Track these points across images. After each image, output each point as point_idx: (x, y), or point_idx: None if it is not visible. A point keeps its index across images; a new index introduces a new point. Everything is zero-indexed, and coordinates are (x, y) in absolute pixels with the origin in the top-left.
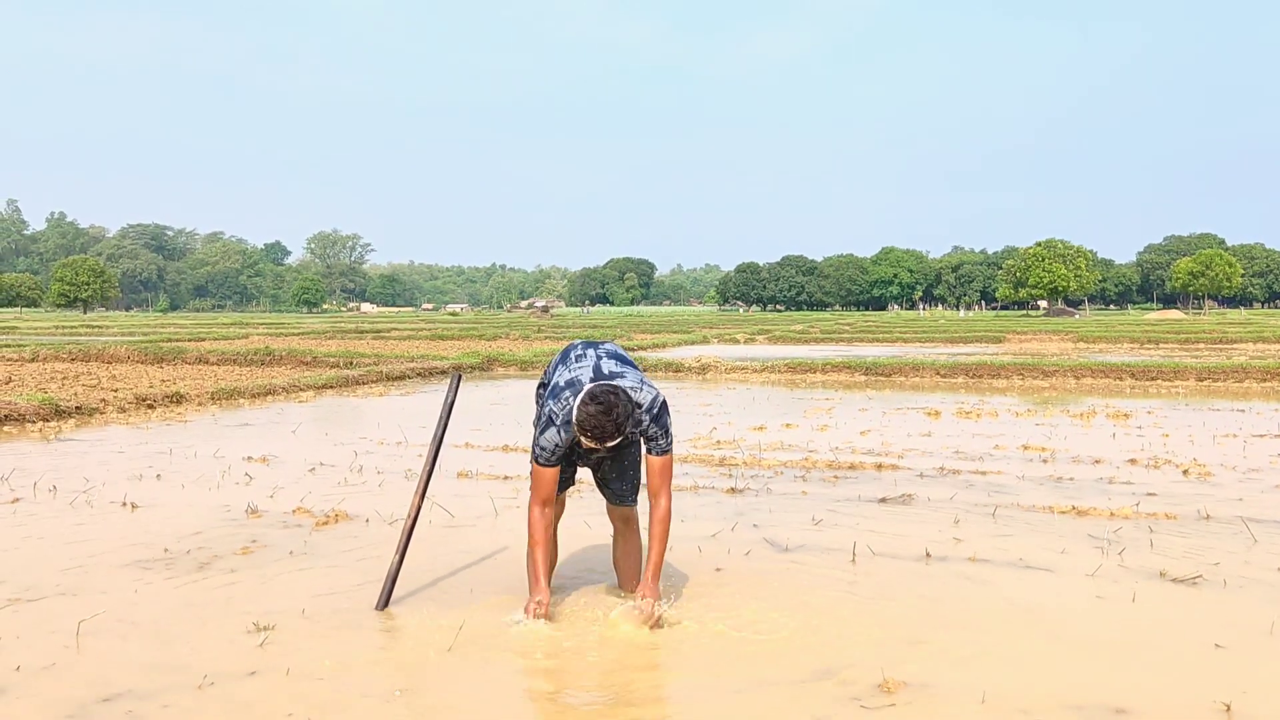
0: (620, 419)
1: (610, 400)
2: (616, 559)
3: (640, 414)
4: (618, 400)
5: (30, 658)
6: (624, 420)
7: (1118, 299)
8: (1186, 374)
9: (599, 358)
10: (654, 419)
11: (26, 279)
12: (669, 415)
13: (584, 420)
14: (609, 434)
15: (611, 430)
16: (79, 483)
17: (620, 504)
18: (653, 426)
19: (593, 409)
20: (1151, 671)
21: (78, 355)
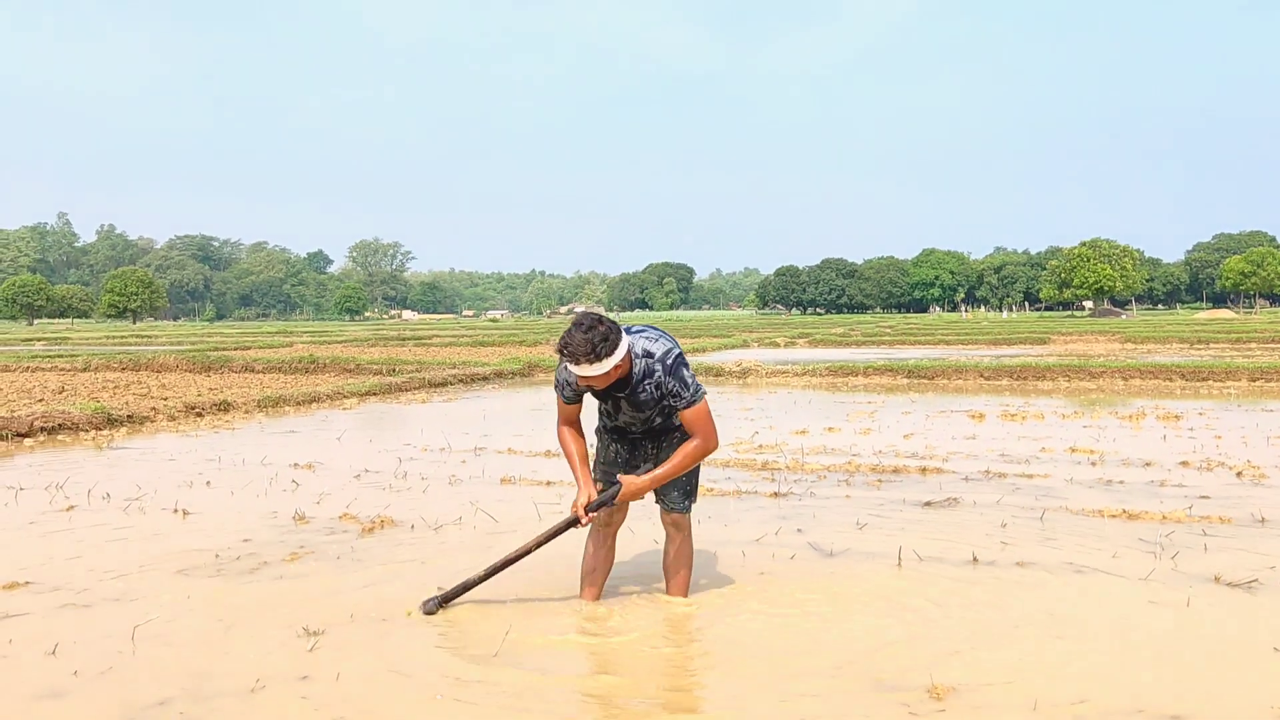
0: (596, 341)
1: (590, 323)
2: (666, 565)
3: (653, 364)
4: (599, 325)
5: (87, 662)
6: (600, 344)
7: (1166, 299)
8: (1239, 374)
9: (628, 327)
10: (669, 371)
11: (77, 290)
12: (687, 368)
13: (565, 340)
14: (583, 353)
15: (585, 350)
16: (131, 490)
17: (671, 510)
18: (670, 380)
19: (572, 330)
20: (1207, 677)
21: (128, 365)
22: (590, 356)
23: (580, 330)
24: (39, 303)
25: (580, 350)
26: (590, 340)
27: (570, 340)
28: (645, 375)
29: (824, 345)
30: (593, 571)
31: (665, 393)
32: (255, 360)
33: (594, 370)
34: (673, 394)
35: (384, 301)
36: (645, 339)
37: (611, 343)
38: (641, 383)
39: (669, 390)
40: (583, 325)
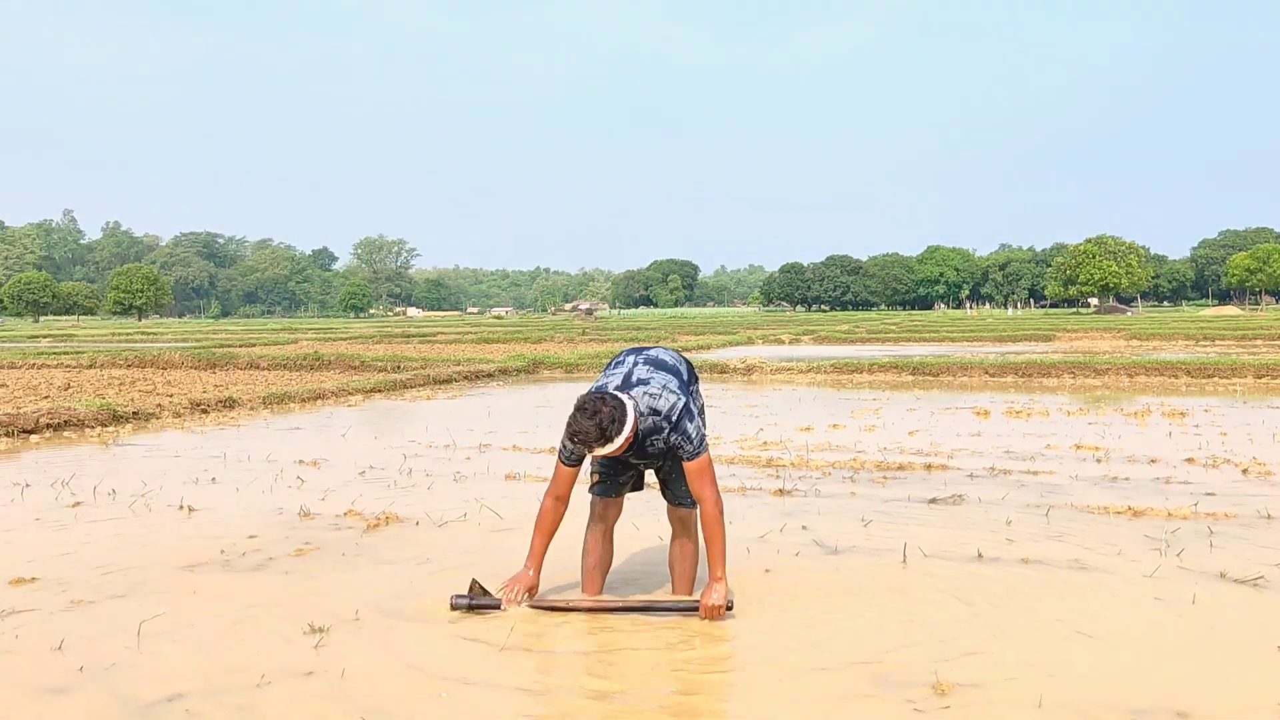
0: (605, 424)
1: (595, 407)
2: (671, 561)
3: (660, 422)
4: (603, 406)
5: (93, 658)
6: (609, 426)
7: (1171, 295)
8: (1244, 371)
9: (635, 364)
10: (673, 427)
11: (83, 287)
12: (694, 419)
13: (573, 426)
14: (594, 439)
15: (595, 435)
16: (137, 486)
17: (679, 505)
18: (674, 435)
19: (578, 416)
20: (1213, 674)
21: (133, 362)
22: (601, 440)
23: (586, 417)
24: (45, 300)
25: (592, 437)
26: (599, 425)
27: (579, 429)
28: (653, 432)
29: (829, 342)
30: (593, 568)
31: (670, 446)
32: (260, 357)
33: (608, 449)
34: (675, 446)
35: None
36: (649, 394)
37: (619, 422)
38: (649, 438)
39: (672, 444)
40: (587, 411)
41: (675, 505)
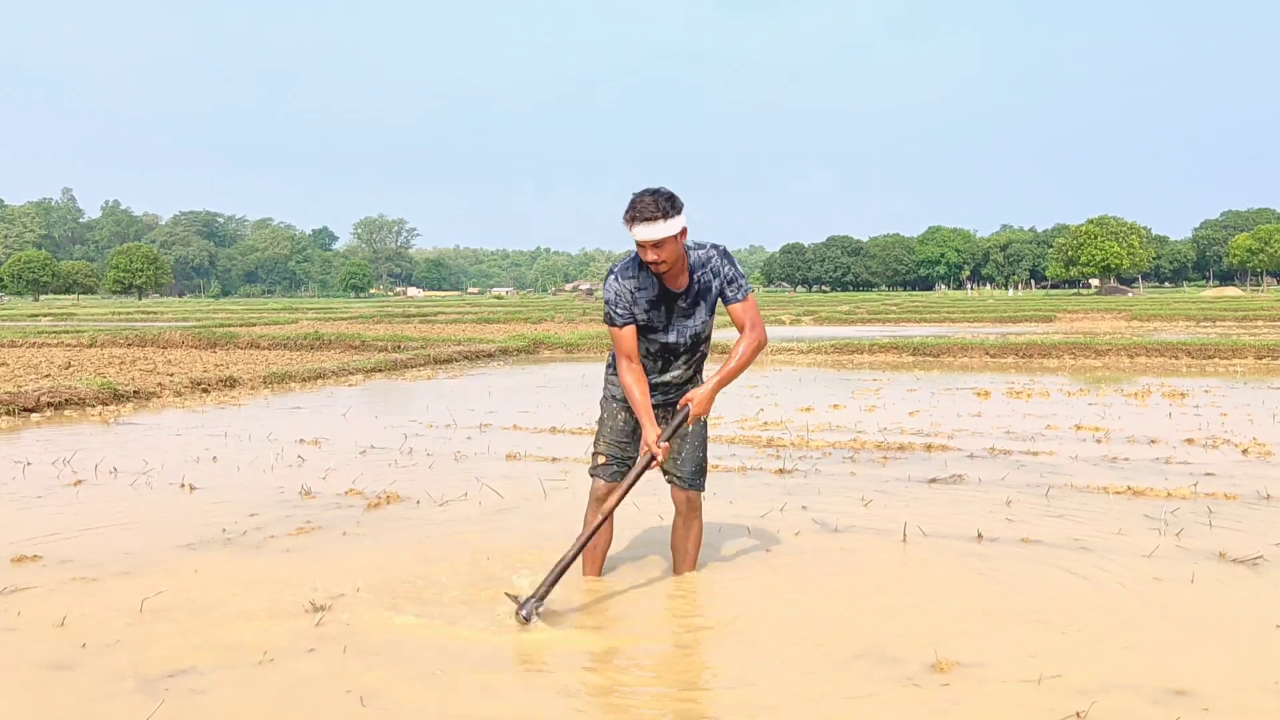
0: (663, 199)
1: (651, 188)
2: (674, 542)
3: (707, 253)
4: (660, 188)
5: (96, 635)
6: (665, 202)
7: (1173, 276)
8: (1245, 352)
9: None
10: (723, 255)
11: (83, 266)
12: (736, 262)
13: (633, 205)
14: (652, 211)
15: (653, 208)
16: (138, 465)
17: (685, 487)
18: (726, 264)
19: (633, 198)
20: (1211, 653)
21: (134, 341)
22: (659, 214)
23: (646, 194)
24: (45, 279)
25: (648, 209)
26: (657, 200)
27: (638, 203)
28: (702, 264)
29: (829, 323)
30: (593, 548)
31: (723, 280)
32: (261, 337)
33: (662, 231)
34: (730, 280)
35: (389, 278)
36: (693, 242)
37: (676, 204)
38: (696, 273)
39: (727, 277)
40: (646, 191)
41: (682, 487)
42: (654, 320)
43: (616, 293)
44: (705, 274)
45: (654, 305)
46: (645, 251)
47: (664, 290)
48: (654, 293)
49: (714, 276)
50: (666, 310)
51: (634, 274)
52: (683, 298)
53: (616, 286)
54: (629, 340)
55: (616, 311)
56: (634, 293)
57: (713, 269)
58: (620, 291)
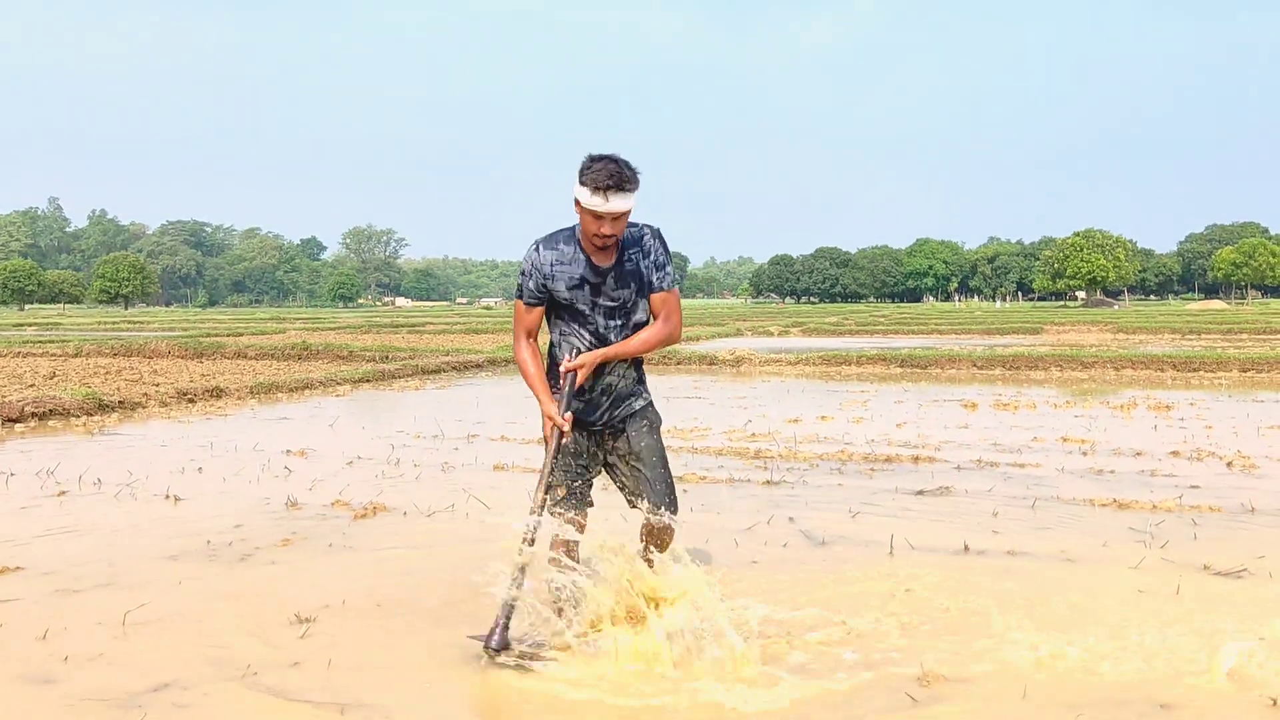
0: (624, 166)
1: (612, 155)
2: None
3: (640, 230)
4: (620, 157)
5: (78, 648)
6: (627, 169)
7: (1158, 289)
8: (1229, 365)
9: None
10: (656, 236)
11: (69, 276)
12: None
13: (593, 169)
14: (611, 179)
15: (613, 174)
16: (122, 475)
17: (656, 512)
18: (658, 247)
19: (590, 163)
20: (1196, 665)
21: (120, 350)
22: (633, 185)
23: (611, 161)
24: (30, 288)
25: (627, 179)
26: (628, 168)
27: (613, 170)
28: (634, 242)
29: (817, 334)
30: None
31: (651, 263)
32: (248, 347)
33: (622, 204)
34: (658, 265)
35: (377, 288)
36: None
37: (635, 173)
38: (627, 251)
39: (656, 261)
40: (606, 158)
41: (653, 512)
42: (577, 300)
43: (534, 264)
44: (635, 253)
45: (577, 284)
46: (603, 224)
47: (590, 266)
48: (579, 269)
49: (643, 256)
50: (592, 289)
51: (559, 246)
52: (610, 276)
53: (536, 258)
54: (532, 319)
55: (529, 287)
56: (554, 266)
57: (644, 248)
58: (539, 264)
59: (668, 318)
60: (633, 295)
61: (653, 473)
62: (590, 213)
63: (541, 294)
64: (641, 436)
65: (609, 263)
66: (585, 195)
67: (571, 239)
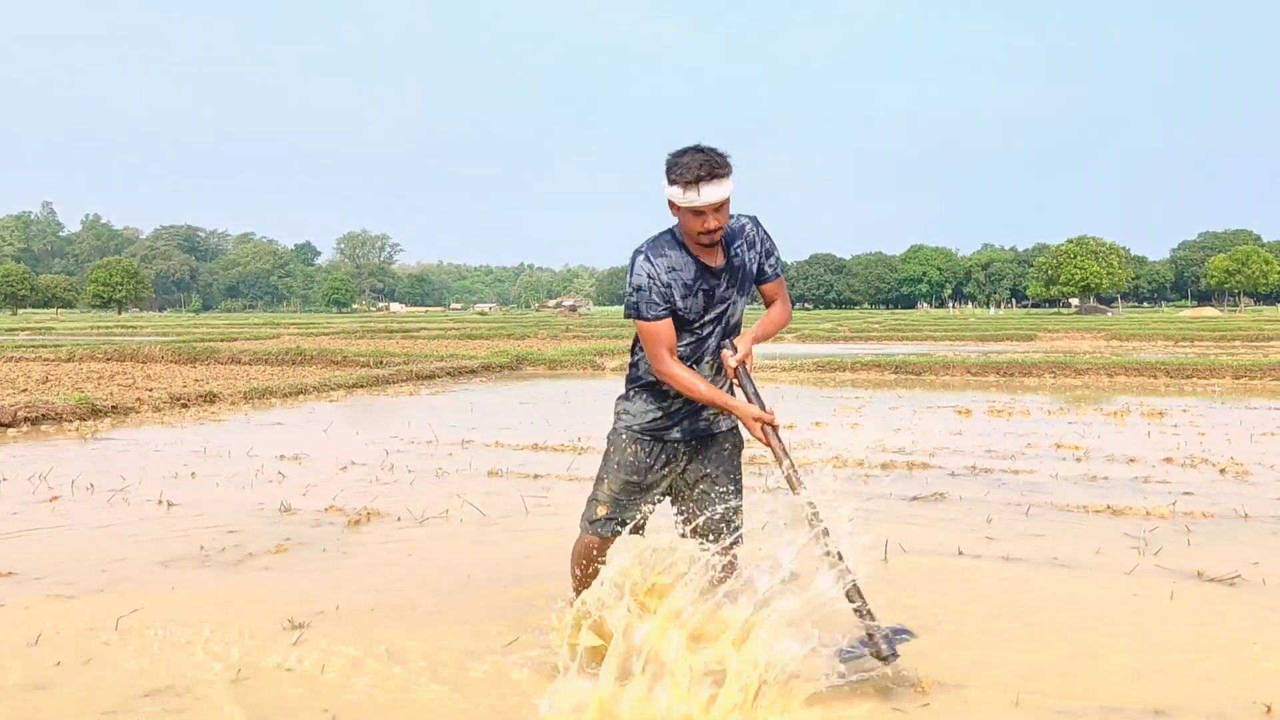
0: (713, 156)
1: (693, 146)
2: None
3: (739, 220)
4: (701, 148)
5: (70, 654)
6: (717, 158)
7: (1151, 296)
8: (1223, 372)
9: None
10: (757, 224)
11: (62, 280)
12: None
13: (682, 164)
14: (700, 171)
15: (703, 165)
16: (115, 481)
17: (718, 538)
18: (763, 235)
19: (676, 157)
20: (1190, 673)
21: (113, 355)
22: (709, 174)
23: (690, 151)
24: (23, 292)
25: (718, 164)
26: (712, 155)
27: (688, 162)
28: (737, 234)
29: (812, 340)
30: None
31: (760, 252)
32: (242, 352)
33: (719, 192)
34: (768, 253)
35: (371, 294)
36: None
37: (726, 160)
38: (732, 246)
39: (766, 248)
40: (693, 148)
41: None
42: (690, 309)
43: (650, 276)
44: (740, 246)
45: (690, 290)
46: (706, 219)
47: (701, 268)
48: (690, 273)
49: (749, 248)
50: (705, 295)
51: (666, 252)
52: (722, 276)
53: (650, 269)
54: (667, 332)
55: (651, 300)
56: (670, 274)
57: (748, 239)
58: (654, 275)
59: (785, 300)
60: (738, 294)
61: (722, 500)
62: (689, 211)
63: (669, 303)
64: (723, 460)
65: (721, 261)
66: (679, 194)
67: (675, 243)
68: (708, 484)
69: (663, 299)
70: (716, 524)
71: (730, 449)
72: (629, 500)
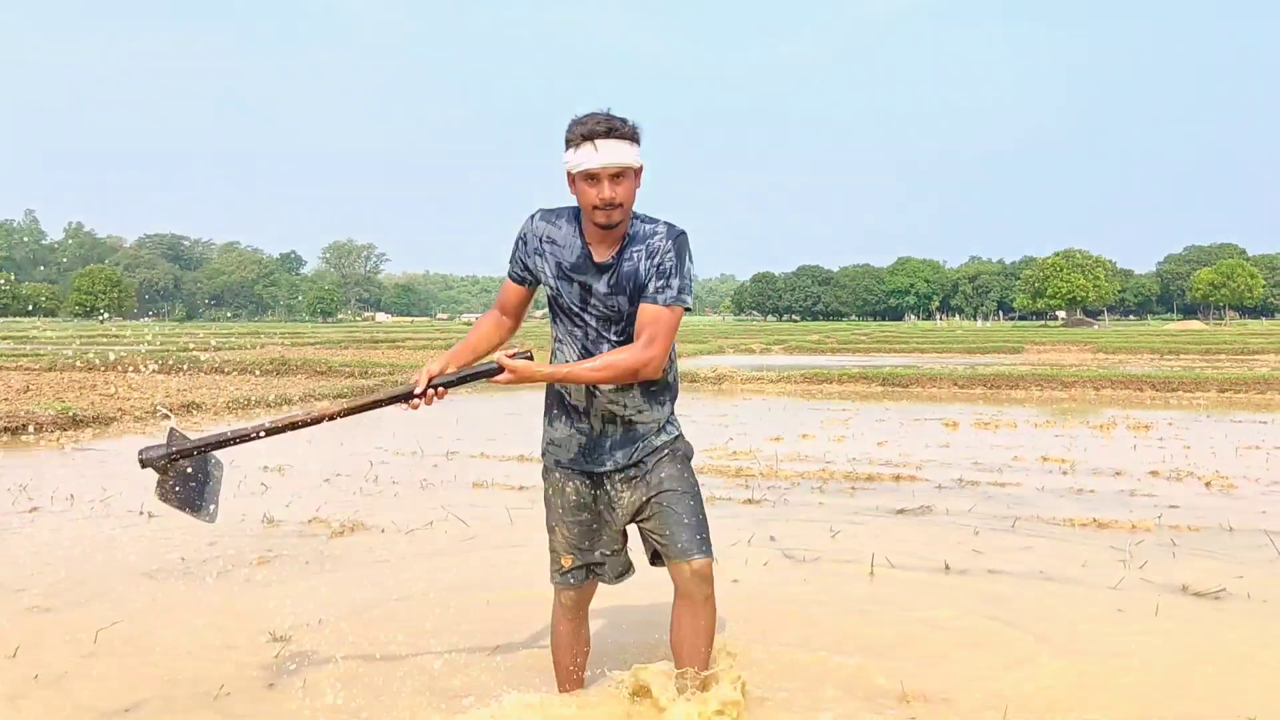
0: (621, 119)
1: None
2: (676, 638)
3: (656, 228)
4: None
5: (48, 667)
6: (623, 121)
7: (1137, 309)
8: (1208, 385)
9: None
10: (675, 238)
11: (44, 289)
12: (691, 261)
13: (578, 122)
14: (612, 123)
15: (603, 121)
16: (96, 492)
17: (685, 557)
18: (669, 252)
19: (579, 117)
20: (1175, 685)
21: (95, 365)
22: (629, 133)
23: (594, 112)
24: (4, 301)
25: (602, 122)
26: (610, 115)
27: (585, 117)
28: (641, 240)
29: (799, 352)
30: (569, 664)
31: (654, 266)
32: (225, 361)
33: (631, 156)
34: (661, 273)
35: (357, 303)
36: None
37: (635, 128)
38: (630, 248)
39: (660, 266)
40: (591, 111)
41: (682, 558)
42: (562, 292)
43: (525, 232)
44: (638, 251)
45: (562, 272)
46: (601, 186)
47: (585, 258)
48: (571, 256)
49: (646, 257)
50: (582, 288)
51: (558, 222)
52: (605, 277)
53: (530, 226)
54: (509, 298)
55: (515, 255)
56: (545, 243)
57: (649, 247)
58: (530, 233)
59: (650, 342)
60: (623, 301)
61: (680, 503)
62: (584, 176)
63: (524, 272)
64: (662, 466)
65: (607, 258)
66: (572, 155)
67: (573, 220)
68: (657, 505)
69: (522, 262)
70: (691, 529)
71: (671, 454)
72: (588, 541)
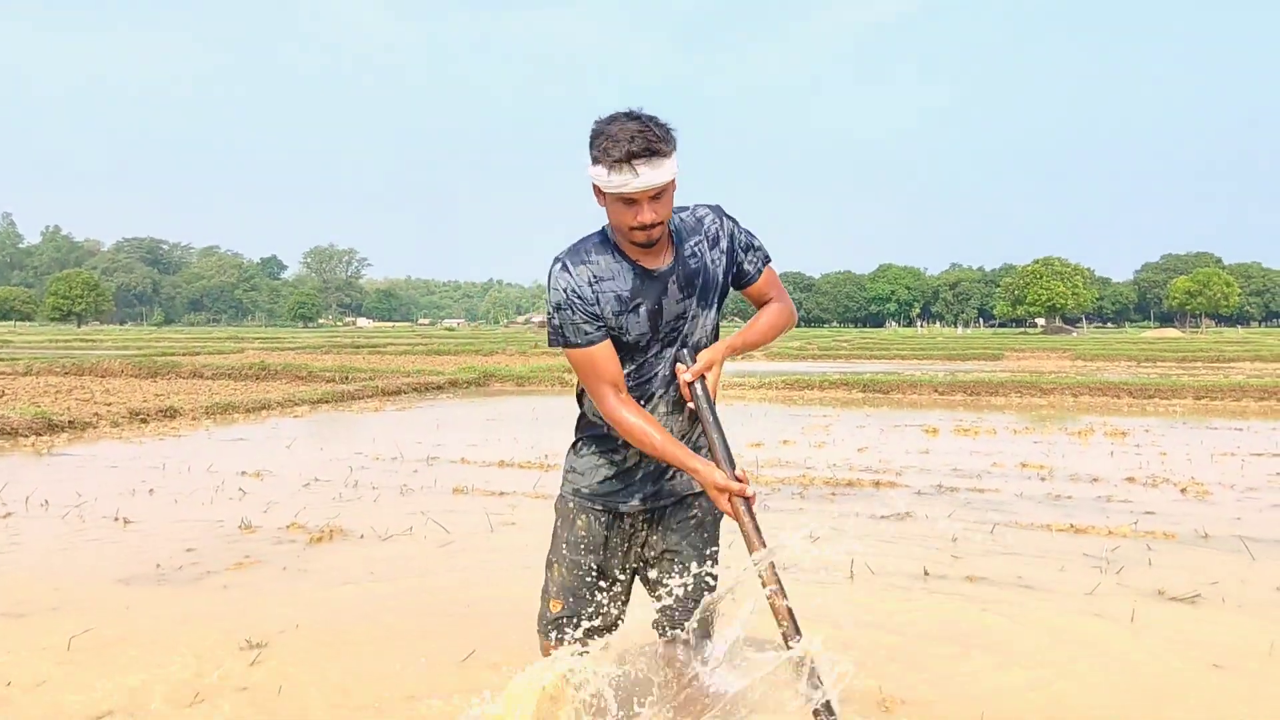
0: (655, 125)
1: (630, 111)
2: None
3: (697, 211)
4: (643, 113)
5: (20, 674)
6: (660, 128)
7: (1115, 317)
8: (1184, 392)
9: None
10: (720, 213)
11: (20, 293)
12: None
13: (609, 138)
14: (650, 139)
15: (656, 136)
16: (71, 497)
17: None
18: (730, 225)
19: (605, 124)
20: (1151, 691)
21: (71, 369)
22: (664, 146)
23: (624, 117)
24: None
25: (638, 138)
26: (650, 125)
27: (617, 130)
28: (691, 230)
29: (780, 358)
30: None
31: (729, 247)
32: (204, 366)
33: (658, 175)
34: (747, 246)
35: (338, 309)
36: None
37: (669, 133)
38: (687, 243)
39: (739, 242)
40: (623, 115)
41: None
42: (628, 328)
43: (569, 290)
44: (699, 244)
45: (625, 304)
46: (641, 211)
47: (641, 275)
48: (626, 283)
49: (711, 245)
50: (650, 312)
51: (591, 258)
52: (670, 283)
53: (568, 282)
54: (605, 362)
55: (574, 322)
56: (594, 286)
57: (709, 234)
58: (574, 288)
59: (783, 294)
60: (699, 305)
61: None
62: (619, 199)
63: (598, 323)
64: (688, 531)
65: (665, 263)
66: (603, 175)
67: (605, 245)
68: (668, 562)
69: (590, 318)
70: (683, 607)
71: (700, 516)
72: (586, 590)
